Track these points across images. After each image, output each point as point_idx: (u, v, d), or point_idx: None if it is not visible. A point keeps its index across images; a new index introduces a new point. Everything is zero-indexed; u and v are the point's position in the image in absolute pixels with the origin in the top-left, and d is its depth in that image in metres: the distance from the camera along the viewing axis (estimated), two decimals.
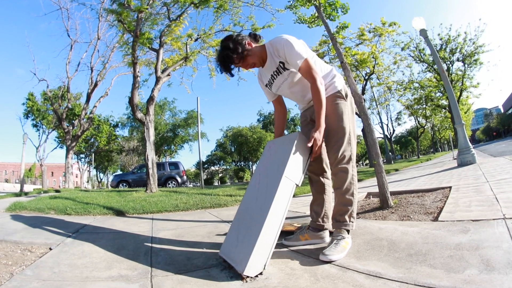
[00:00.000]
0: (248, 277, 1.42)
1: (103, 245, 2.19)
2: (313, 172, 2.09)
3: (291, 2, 5.15)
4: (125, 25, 7.12)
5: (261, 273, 1.47)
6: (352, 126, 1.92)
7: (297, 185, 1.70)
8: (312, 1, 4.21)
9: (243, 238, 1.61)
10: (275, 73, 1.92)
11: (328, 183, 2.07)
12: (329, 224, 2.01)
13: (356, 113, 2.53)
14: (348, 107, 1.92)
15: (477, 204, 2.35)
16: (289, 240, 2.05)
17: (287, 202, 1.63)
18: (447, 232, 1.76)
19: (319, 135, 1.72)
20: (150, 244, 2.25)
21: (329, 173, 2.08)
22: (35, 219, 3.37)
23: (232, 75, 1.99)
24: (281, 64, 1.86)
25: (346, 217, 1.81)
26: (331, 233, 1.94)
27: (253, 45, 1.91)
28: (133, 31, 7.14)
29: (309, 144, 1.71)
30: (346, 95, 1.94)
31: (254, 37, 1.98)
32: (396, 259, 1.46)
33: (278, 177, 1.63)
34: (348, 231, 1.81)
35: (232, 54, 1.82)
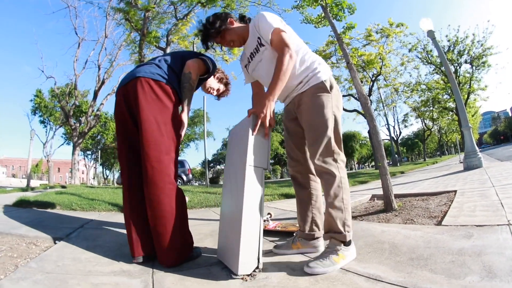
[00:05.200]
0: (247, 275, 1.43)
1: (107, 241, 2.21)
2: (299, 173, 1.90)
3: (298, 2, 5.15)
4: (132, 24, 7.19)
5: (257, 267, 1.47)
6: (336, 122, 1.70)
7: (265, 169, 1.61)
8: (319, 1, 4.20)
9: (230, 238, 1.59)
10: (254, 50, 1.80)
11: (315, 186, 1.87)
12: (320, 232, 1.82)
13: (362, 114, 2.47)
14: (332, 101, 1.68)
15: (482, 209, 2.32)
16: (280, 248, 1.87)
17: (261, 189, 1.57)
18: (450, 236, 1.75)
19: (265, 105, 1.56)
20: None
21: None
22: (40, 214, 3.41)
23: (207, 48, 1.94)
24: (259, 40, 1.72)
25: (339, 227, 1.56)
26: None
27: (237, 24, 1.87)
28: (140, 29, 7.20)
29: (258, 122, 1.55)
30: (331, 87, 1.70)
31: (242, 18, 1.96)
32: (397, 262, 1.45)
33: (242, 168, 1.55)
34: (343, 242, 1.56)
35: (209, 27, 1.82)
